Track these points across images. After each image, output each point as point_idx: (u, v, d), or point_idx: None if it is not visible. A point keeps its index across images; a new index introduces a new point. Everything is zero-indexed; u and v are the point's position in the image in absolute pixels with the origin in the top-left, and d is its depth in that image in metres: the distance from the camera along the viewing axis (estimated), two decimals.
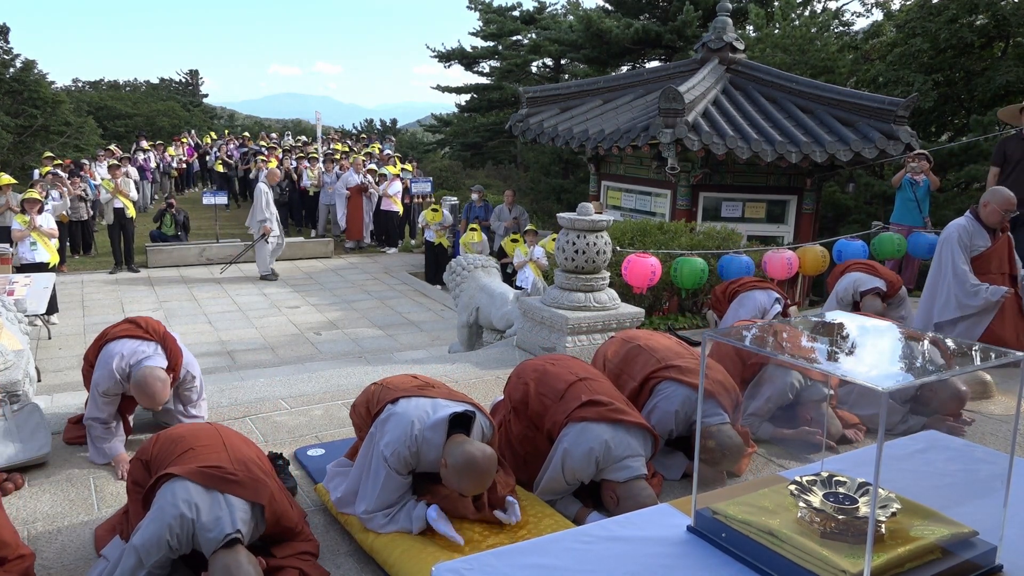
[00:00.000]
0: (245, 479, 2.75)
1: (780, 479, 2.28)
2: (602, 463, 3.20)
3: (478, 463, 2.84)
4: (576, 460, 3.21)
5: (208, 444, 2.89)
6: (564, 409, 3.34)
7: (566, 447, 3.24)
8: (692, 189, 9.62)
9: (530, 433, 3.48)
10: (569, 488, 3.34)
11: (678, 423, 3.65)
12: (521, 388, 3.56)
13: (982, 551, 1.86)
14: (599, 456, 3.19)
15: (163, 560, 2.62)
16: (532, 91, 11.36)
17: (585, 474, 3.24)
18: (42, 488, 3.57)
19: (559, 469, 3.26)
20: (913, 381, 1.94)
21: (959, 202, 12.16)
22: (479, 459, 2.85)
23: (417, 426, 2.97)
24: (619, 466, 3.20)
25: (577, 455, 3.21)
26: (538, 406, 3.46)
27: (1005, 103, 11.07)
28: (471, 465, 2.84)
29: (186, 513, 2.60)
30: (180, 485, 2.68)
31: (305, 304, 11.00)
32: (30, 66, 25.31)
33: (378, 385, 3.34)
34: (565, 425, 3.30)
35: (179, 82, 47.67)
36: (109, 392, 3.79)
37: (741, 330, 2.68)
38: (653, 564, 1.94)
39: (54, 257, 9.80)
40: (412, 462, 2.99)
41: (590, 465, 3.20)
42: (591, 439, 3.21)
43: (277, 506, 2.82)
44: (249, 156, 21.41)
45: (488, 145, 25.30)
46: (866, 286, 5.54)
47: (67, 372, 7.40)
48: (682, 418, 3.65)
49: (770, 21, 16.33)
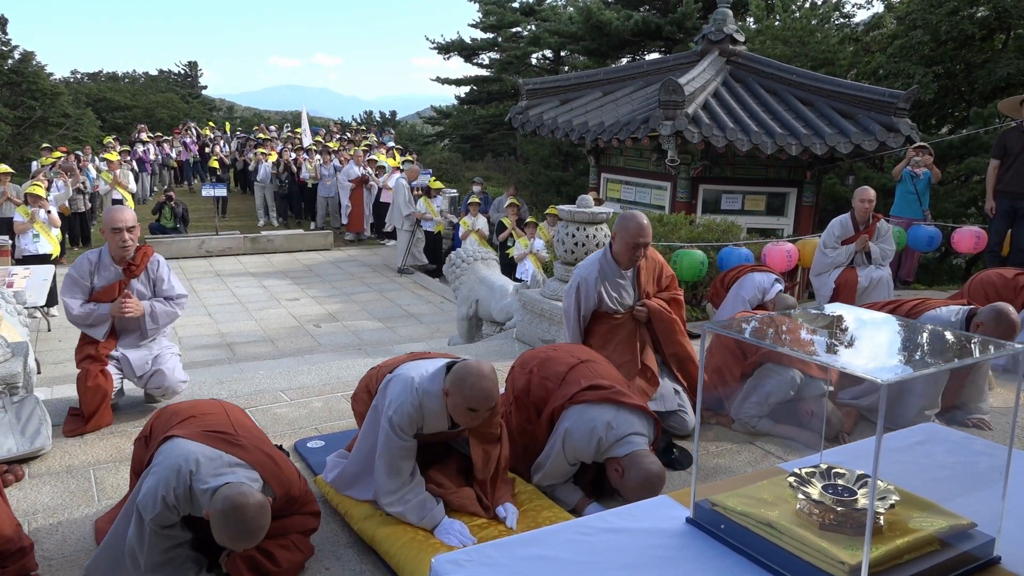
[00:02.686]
0: (249, 444, 2.75)
1: (779, 471, 2.29)
2: (604, 443, 3.20)
3: (478, 369, 2.87)
4: (578, 439, 3.22)
5: (211, 412, 2.90)
6: (565, 393, 3.36)
7: (568, 427, 3.25)
8: (692, 181, 9.60)
9: (529, 427, 3.49)
10: (570, 470, 3.33)
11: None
12: (524, 377, 3.58)
13: (980, 543, 1.87)
14: (601, 435, 3.20)
15: (167, 521, 2.58)
16: (532, 83, 11.32)
17: (586, 453, 3.23)
18: (42, 480, 3.57)
19: (560, 449, 3.26)
20: (913, 373, 1.94)
21: (959, 195, 12.14)
22: (478, 368, 2.88)
23: (417, 380, 3.02)
24: (622, 443, 3.20)
25: (579, 434, 3.22)
26: (540, 391, 3.47)
27: (1006, 95, 11.03)
28: (470, 374, 2.85)
29: (183, 465, 2.56)
30: (180, 442, 2.66)
31: (305, 296, 11.00)
32: (29, 57, 25.25)
33: (375, 368, 3.38)
34: (566, 408, 3.32)
35: (178, 74, 47.55)
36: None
37: (741, 323, 2.68)
38: (652, 556, 1.94)
39: (56, 248, 9.80)
40: (417, 419, 2.99)
41: (591, 444, 3.20)
42: (593, 418, 3.23)
43: (284, 474, 2.80)
44: (247, 148, 21.37)
45: (488, 137, 25.26)
46: (769, 284, 5.69)
47: (67, 364, 7.40)
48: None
49: (770, 13, 16.28)
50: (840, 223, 6.78)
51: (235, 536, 2.46)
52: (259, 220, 17.09)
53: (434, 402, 2.99)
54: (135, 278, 4.28)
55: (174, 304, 4.41)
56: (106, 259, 4.25)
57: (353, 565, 2.95)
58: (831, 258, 6.74)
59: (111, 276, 4.25)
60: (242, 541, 2.48)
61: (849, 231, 6.74)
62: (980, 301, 5.44)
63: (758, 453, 3.96)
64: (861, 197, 6.65)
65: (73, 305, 4.18)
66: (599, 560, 1.92)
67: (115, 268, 4.25)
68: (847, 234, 6.73)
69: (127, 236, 4.17)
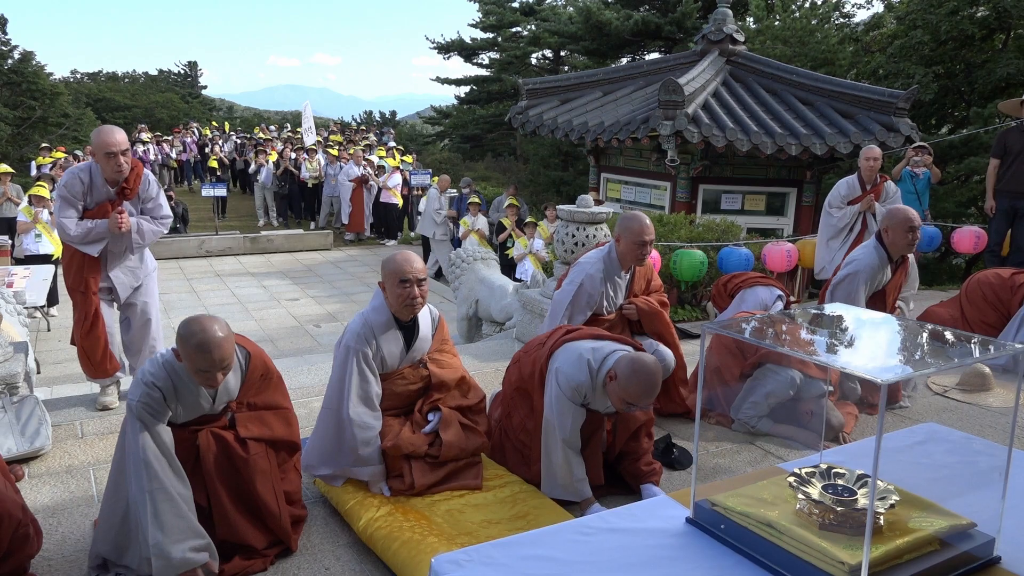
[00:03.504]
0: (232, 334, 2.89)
1: (779, 471, 2.29)
2: (593, 363, 3.24)
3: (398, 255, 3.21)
4: (568, 370, 3.26)
5: None
6: (548, 344, 3.47)
7: (557, 366, 3.31)
8: (692, 181, 9.60)
9: (530, 424, 3.47)
10: (579, 414, 3.26)
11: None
12: (515, 367, 3.64)
13: (980, 543, 1.87)
14: (588, 357, 3.25)
15: (157, 408, 2.74)
16: (532, 83, 11.32)
17: (581, 381, 3.24)
18: (42, 480, 3.57)
19: (557, 389, 3.27)
20: (912, 373, 1.94)
21: (959, 195, 12.13)
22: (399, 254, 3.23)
23: (367, 309, 3.33)
24: (610, 357, 3.24)
25: (568, 366, 3.27)
26: (528, 365, 3.52)
27: (1006, 95, 11.04)
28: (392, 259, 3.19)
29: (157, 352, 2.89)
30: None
31: (304, 296, 11.00)
32: (28, 57, 25.25)
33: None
34: (552, 354, 3.40)
35: (178, 74, 47.55)
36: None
37: (740, 323, 2.68)
38: (652, 555, 1.94)
39: (59, 249, 9.79)
40: (370, 337, 3.23)
41: (582, 369, 3.24)
42: (577, 347, 3.34)
43: (261, 358, 3.04)
44: (247, 148, 21.34)
45: (487, 137, 25.26)
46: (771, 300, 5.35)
47: (67, 364, 7.40)
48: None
49: (770, 13, 16.27)
50: (847, 183, 6.60)
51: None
52: (259, 220, 17.09)
53: (379, 314, 3.27)
54: (128, 200, 4.23)
55: (159, 223, 4.40)
56: (98, 180, 4.17)
57: (353, 565, 2.95)
58: (836, 218, 6.54)
59: (103, 196, 4.18)
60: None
61: (856, 191, 6.53)
62: (978, 302, 5.44)
63: (758, 453, 3.96)
64: (867, 155, 6.45)
65: (70, 224, 4.10)
66: (599, 560, 1.92)
67: (107, 189, 4.18)
68: (853, 194, 6.53)
69: (122, 160, 4.08)
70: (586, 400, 3.30)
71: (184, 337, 2.67)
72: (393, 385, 3.35)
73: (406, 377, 3.38)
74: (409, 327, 3.34)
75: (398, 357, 3.33)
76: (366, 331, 3.24)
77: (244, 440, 2.93)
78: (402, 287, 3.17)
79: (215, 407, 2.94)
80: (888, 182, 6.67)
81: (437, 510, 3.13)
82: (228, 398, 2.97)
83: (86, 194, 4.16)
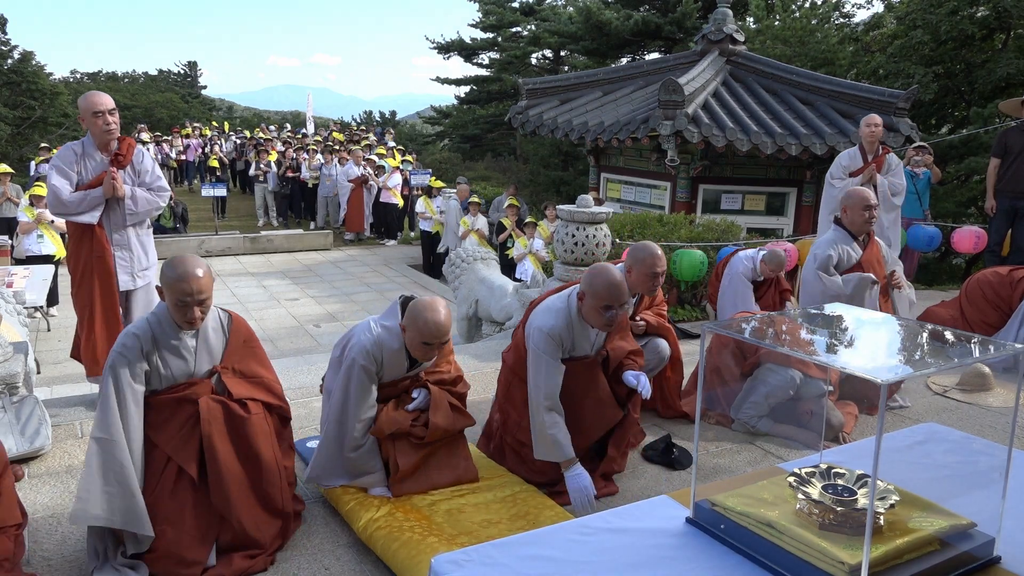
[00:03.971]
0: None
1: (779, 471, 2.29)
2: (561, 303, 3.39)
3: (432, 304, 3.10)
4: (541, 322, 3.36)
5: None
6: (523, 321, 3.58)
7: (532, 328, 3.40)
8: (692, 181, 9.60)
9: (524, 420, 3.48)
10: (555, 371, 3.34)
11: None
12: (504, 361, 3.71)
13: (980, 543, 1.87)
14: (558, 304, 3.40)
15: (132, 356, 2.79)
16: (532, 83, 11.32)
17: (556, 323, 3.34)
18: (42, 480, 3.57)
19: (535, 349, 3.34)
20: (912, 373, 1.94)
21: (959, 195, 12.14)
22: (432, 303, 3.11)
23: (373, 319, 3.28)
24: (575, 288, 3.40)
25: (540, 318, 3.38)
26: (519, 336, 3.59)
27: (1006, 95, 11.04)
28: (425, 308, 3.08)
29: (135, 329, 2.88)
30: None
31: (304, 296, 11.00)
32: (28, 57, 25.26)
33: None
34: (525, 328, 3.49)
35: (178, 74, 47.56)
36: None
37: (740, 323, 2.68)
38: (652, 555, 1.94)
39: (60, 250, 9.78)
40: (377, 355, 3.18)
41: (555, 313, 3.38)
42: (545, 303, 3.48)
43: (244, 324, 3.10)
44: (247, 148, 21.32)
45: (487, 137, 25.25)
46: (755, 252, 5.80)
47: (66, 364, 7.40)
48: None
49: (770, 13, 16.28)
50: (848, 154, 6.46)
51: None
52: (259, 220, 17.09)
53: (393, 340, 3.19)
54: (122, 168, 4.24)
55: (155, 194, 4.40)
56: (90, 149, 4.19)
57: (353, 566, 2.95)
58: (838, 190, 6.37)
59: (97, 167, 4.20)
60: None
61: (857, 162, 6.34)
62: (977, 301, 5.45)
63: (758, 453, 3.96)
64: (868, 122, 6.27)
65: (63, 189, 4.09)
66: (599, 560, 1.92)
67: (101, 157, 4.20)
68: (855, 165, 6.33)
69: (110, 119, 4.11)
70: (566, 346, 3.38)
71: (167, 269, 2.81)
72: (390, 390, 3.35)
73: (404, 380, 3.39)
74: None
75: (399, 374, 3.33)
76: (375, 351, 3.19)
77: (243, 402, 2.97)
78: (424, 348, 3.14)
79: (198, 366, 2.96)
80: (891, 154, 6.53)
81: (437, 510, 3.12)
82: (211, 360, 2.99)
83: (79, 164, 4.17)
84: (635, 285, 3.95)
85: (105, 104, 4.11)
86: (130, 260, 4.36)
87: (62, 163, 4.16)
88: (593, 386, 3.51)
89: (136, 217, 4.35)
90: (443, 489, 3.28)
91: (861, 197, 4.50)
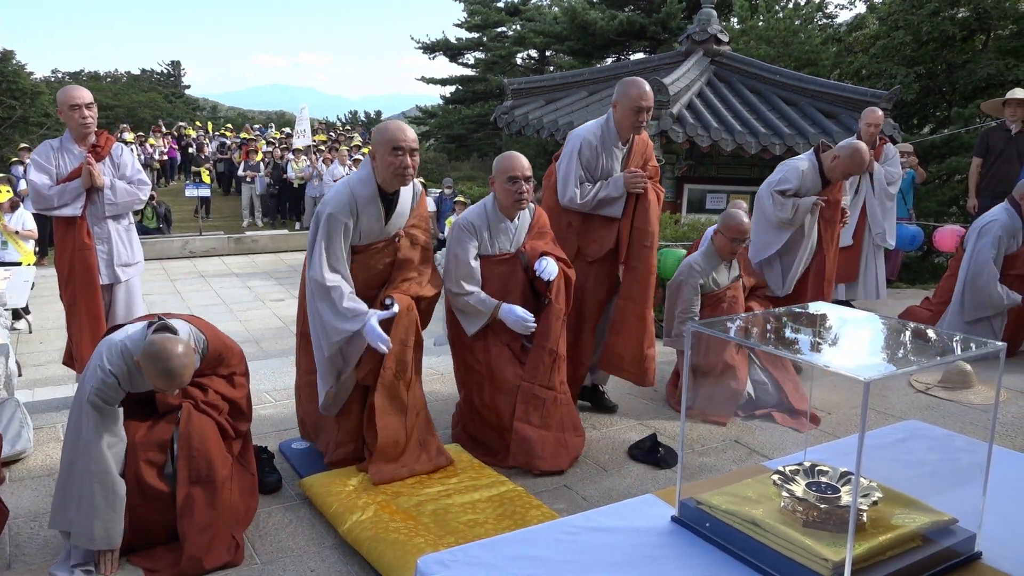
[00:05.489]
0: (189, 317, 2.98)
1: (763, 469, 2.30)
2: (475, 203, 3.75)
3: None
4: (457, 219, 3.75)
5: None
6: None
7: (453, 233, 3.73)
8: (677, 181, 9.63)
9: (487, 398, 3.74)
10: (468, 252, 3.65)
11: None
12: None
13: (961, 538, 1.89)
14: (477, 207, 3.77)
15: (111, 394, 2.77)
16: (517, 83, 11.33)
17: (470, 217, 3.71)
18: (23, 484, 3.54)
19: (450, 238, 3.73)
20: (895, 371, 1.96)
21: (940, 194, 12.25)
22: None
23: (352, 179, 3.39)
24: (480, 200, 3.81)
25: (462, 217, 3.76)
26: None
27: (986, 96, 11.16)
28: None
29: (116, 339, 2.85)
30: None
31: (290, 297, 10.94)
32: (8, 56, 24.96)
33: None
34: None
35: (161, 73, 47.22)
36: None
37: (725, 322, 2.69)
38: (638, 554, 1.95)
39: (26, 257, 9.55)
40: (353, 209, 3.26)
41: (473, 210, 3.77)
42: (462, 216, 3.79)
43: (221, 339, 3.12)
44: (231, 148, 21.18)
45: (473, 137, 25.21)
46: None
47: (48, 367, 7.32)
48: None
49: (754, 13, 16.37)
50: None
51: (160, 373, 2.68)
52: (244, 220, 16.99)
53: (364, 186, 3.25)
54: (100, 161, 4.24)
55: (136, 186, 4.39)
56: (68, 143, 4.22)
57: (339, 567, 2.93)
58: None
59: (76, 160, 4.20)
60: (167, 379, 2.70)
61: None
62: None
63: (743, 452, 3.99)
64: (868, 120, 6.37)
65: (42, 185, 4.10)
66: (585, 559, 1.92)
67: (79, 150, 4.21)
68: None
69: (87, 113, 4.14)
70: (483, 238, 3.69)
71: (148, 357, 2.69)
72: (366, 259, 3.35)
73: (380, 251, 3.38)
74: (389, 198, 3.32)
75: (376, 231, 3.32)
76: (351, 202, 3.21)
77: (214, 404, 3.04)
78: (394, 155, 3.16)
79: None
80: (888, 144, 6.62)
81: (424, 511, 3.12)
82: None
83: (58, 158, 4.18)
84: (619, 121, 3.92)
85: (82, 98, 4.13)
86: (110, 254, 4.33)
87: (40, 158, 4.18)
88: (513, 280, 3.74)
89: (116, 208, 4.32)
90: (429, 489, 3.28)
91: (736, 224, 4.61)
